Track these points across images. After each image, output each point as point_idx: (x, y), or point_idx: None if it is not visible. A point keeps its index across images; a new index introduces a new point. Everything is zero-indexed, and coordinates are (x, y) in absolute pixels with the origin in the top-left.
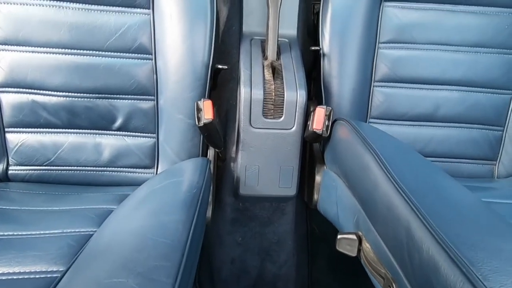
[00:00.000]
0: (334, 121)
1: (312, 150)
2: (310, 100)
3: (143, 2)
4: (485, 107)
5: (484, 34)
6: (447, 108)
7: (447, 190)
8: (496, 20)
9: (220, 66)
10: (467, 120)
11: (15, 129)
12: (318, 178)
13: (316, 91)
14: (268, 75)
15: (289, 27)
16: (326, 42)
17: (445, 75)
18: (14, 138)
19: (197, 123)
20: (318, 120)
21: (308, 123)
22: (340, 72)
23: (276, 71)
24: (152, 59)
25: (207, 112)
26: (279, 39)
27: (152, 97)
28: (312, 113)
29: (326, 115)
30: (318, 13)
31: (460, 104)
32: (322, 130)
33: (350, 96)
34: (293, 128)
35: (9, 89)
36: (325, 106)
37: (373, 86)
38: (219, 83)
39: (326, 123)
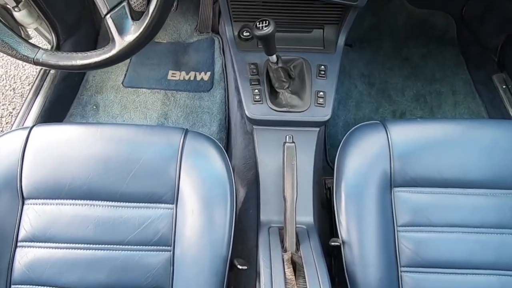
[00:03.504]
0: None
1: None
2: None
3: (169, 199)
4: None
5: (503, 215)
6: None
7: None
8: (511, 201)
9: (240, 267)
10: None
11: None
12: None
13: (338, 270)
14: (289, 273)
15: (306, 214)
16: (344, 230)
17: (474, 258)
18: None
19: None
20: None
21: None
22: (363, 260)
23: (297, 267)
24: (170, 250)
25: None
26: (296, 226)
27: None
28: None
29: None
30: (330, 188)
31: None
32: None
33: (379, 287)
34: None
35: (23, 287)
36: None
37: (401, 272)
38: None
39: None
